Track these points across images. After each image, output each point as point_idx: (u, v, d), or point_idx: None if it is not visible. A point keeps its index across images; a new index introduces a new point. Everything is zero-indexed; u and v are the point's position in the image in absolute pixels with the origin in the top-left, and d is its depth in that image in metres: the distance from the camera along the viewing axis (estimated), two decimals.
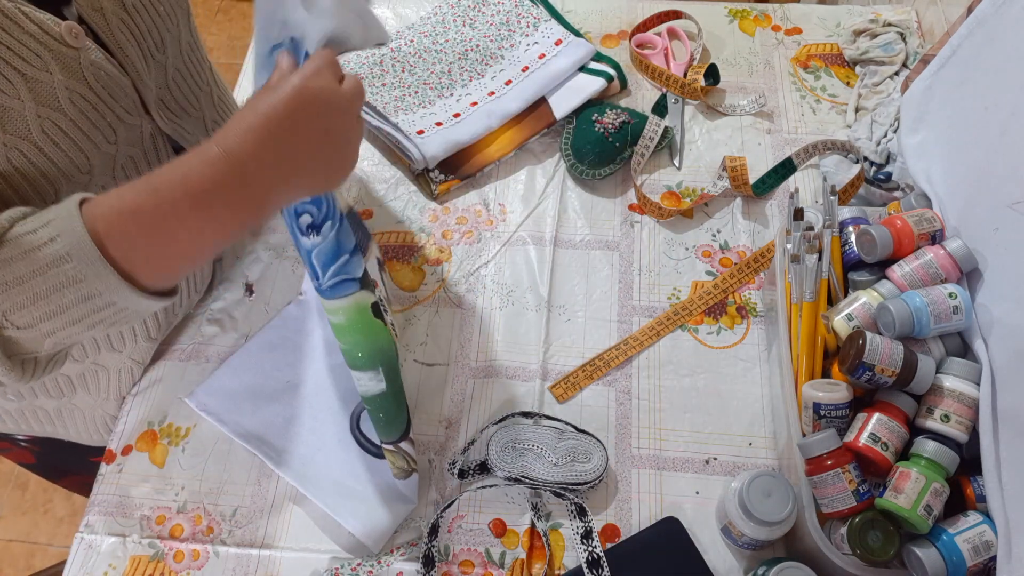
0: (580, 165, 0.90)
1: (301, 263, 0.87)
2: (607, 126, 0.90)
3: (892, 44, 0.96)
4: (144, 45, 0.62)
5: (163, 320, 0.77)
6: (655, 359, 0.80)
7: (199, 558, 0.70)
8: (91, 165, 0.58)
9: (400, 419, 0.66)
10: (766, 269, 0.84)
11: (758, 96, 0.97)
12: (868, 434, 0.62)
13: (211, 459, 0.75)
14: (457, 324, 0.83)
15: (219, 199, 0.48)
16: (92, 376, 0.75)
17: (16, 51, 0.51)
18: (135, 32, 0.61)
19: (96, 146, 0.58)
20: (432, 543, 0.69)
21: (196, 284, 0.80)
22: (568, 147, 0.92)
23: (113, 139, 0.60)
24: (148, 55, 0.63)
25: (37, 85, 0.52)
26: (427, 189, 0.91)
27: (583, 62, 0.97)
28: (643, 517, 0.71)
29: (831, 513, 0.61)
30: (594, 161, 0.89)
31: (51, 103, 0.53)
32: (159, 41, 0.64)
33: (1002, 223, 0.63)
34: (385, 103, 0.93)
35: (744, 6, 1.08)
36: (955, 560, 0.57)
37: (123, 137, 0.61)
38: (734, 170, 0.87)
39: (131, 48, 0.61)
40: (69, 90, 0.54)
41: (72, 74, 0.55)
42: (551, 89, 0.95)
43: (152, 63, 0.64)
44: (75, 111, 0.55)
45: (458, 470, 0.72)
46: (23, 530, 1.61)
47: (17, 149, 0.52)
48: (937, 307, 0.63)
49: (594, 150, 0.89)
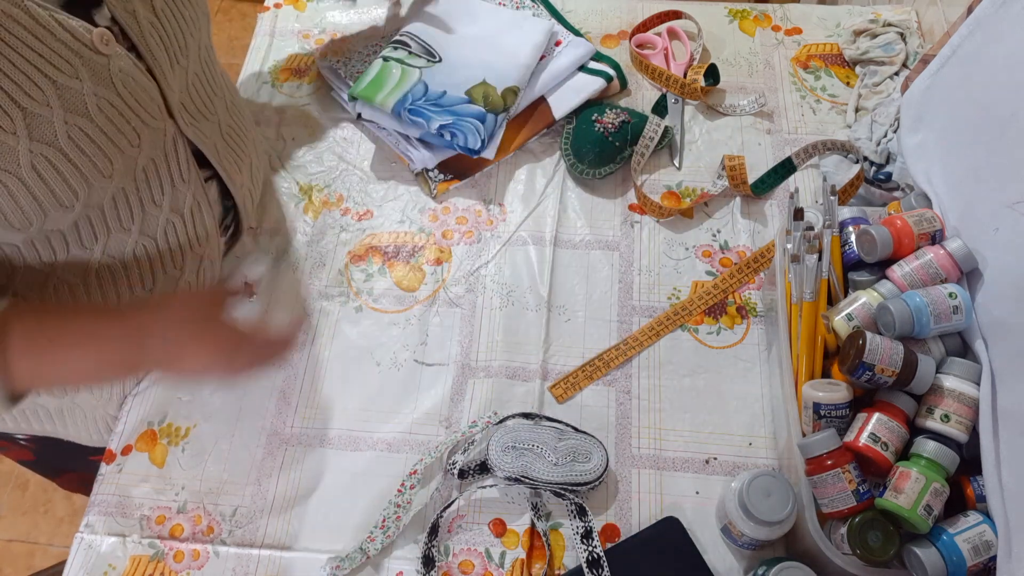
0: (580, 165, 0.90)
1: (301, 263, 0.87)
2: (607, 126, 0.90)
3: (892, 44, 0.96)
4: (171, 49, 0.63)
5: None
6: (655, 359, 0.80)
7: (199, 558, 0.70)
8: (113, 169, 0.59)
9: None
10: (766, 269, 0.84)
11: (758, 96, 0.97)
12: (868, 434, 0.62)
13: (211, 459, 0.75)
14: (457, 324, 0.83)
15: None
16: None
17: (48, 58, 0.51)
18: (163, 36, 0.62)
19: (120, 150, 0.58)
20: (432, 543, 0.69)
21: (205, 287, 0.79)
22: (568, 147, 0.92)
23: (137, 143, 0.60)
24: (174, 59, 0.64)
25: (67, 92, 0.53)
26: (427, 188, 0.91)
27: (583, 61, 0.97)
28: (643, 517, 0.71)
29: (831, 513, 0.61)
30: (594, 161, 0.89)
31: (79, 110, 0.54)
32: (183, 45, 0.65)
33: (1002, 223, 0.63)
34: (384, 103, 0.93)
35: (744, 6, 1.08)
36: (955, 560, 0.57)
37: (147, 140, 0.61)
38: (732, 169, 0.87)
39: (160, 51, 0.61)
40: (98, 96, 0.55)
41: (101, 80, 0.55)
42: (551, 89, 0.95)
43: (177, 67, 0.64)
44: (103, 118, 0.56)
45: (458, 470, 0.72)
46: (23, 530, 1.61)
47: (43, 156, 0.53)
48: (937, 307, 0.63)
49: (594, 150, 0.89)
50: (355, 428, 0.77)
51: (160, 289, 0.72)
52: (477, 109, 0.88)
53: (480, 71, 0.91)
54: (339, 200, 0.92)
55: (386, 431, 0.76)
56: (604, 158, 0.90)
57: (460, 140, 0.86)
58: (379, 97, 0.87)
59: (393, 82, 0.89)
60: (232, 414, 0.78)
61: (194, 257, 0.74)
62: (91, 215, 0.61)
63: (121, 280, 0.68)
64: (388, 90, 0.88)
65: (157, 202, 0.66)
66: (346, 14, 1.09)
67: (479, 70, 0.91)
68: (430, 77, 0.90)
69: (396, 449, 0.75)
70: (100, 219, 0.62)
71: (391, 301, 0.84)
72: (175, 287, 0.74)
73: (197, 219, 0.72)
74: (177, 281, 0.74)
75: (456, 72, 0.91)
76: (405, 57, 0.91)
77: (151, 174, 0.64)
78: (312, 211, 0.91)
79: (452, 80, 0.90)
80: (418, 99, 0.88)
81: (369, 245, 0.88)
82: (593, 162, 0.90)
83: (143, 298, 0.67)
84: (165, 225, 0.68)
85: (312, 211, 0.91)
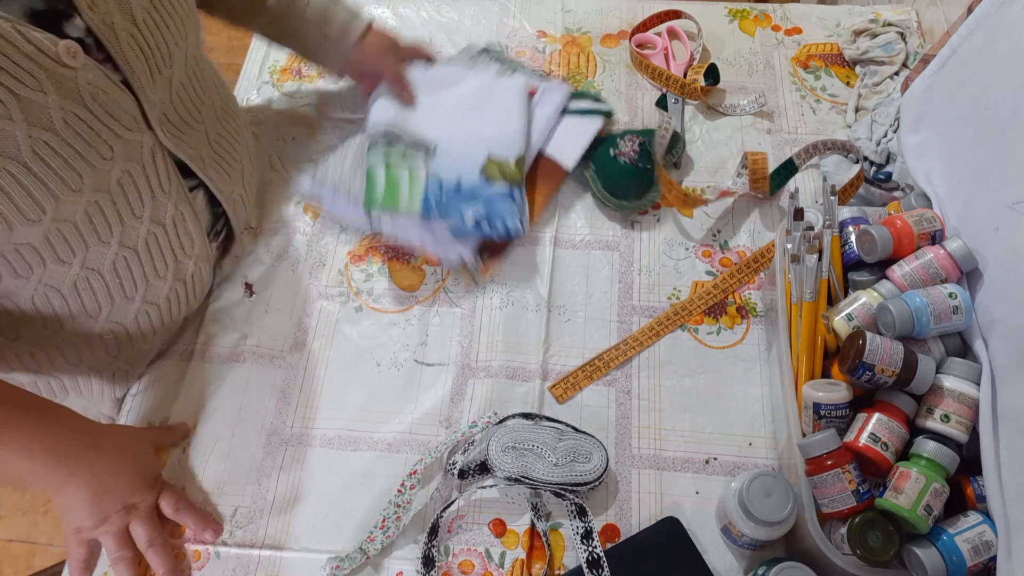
0: (627, 202, 0.87)
1: (300, 264, 0.87)
2: (629, 155, 0.87)
3: (892, 44, 0.96)
4: (152, 61, 0.62)
5: (159, 325, 0.77)
6: (655, 359, 0.80)
7: (200, 559, 0.70)
8: (84, 183, 0.58)
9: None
10: (766, 269, 0.84)
11: (758, 96, 0.97)
12: (868, 434, 0.62)
13: (211, 459, 0.75)
14: (457, 324, 0.83)
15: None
16: (84, 379, 0.75)
17: (10, 72, 0.50)
18: (144, 48, 0.61)
19: (91, 164, 0.58)
20: (432, 543, 0.69)
21: (196, 291, 0.79)
22: (604, 191, 0.88)
23: (110, 155, 0.59)
24: (155, 70, 0.63)
25: (30, 105, 0.52)
26: (469, 277, 0.85)
27: (565, 104, 0.92)
28: (643, 517, 0.71)
29: (831, 513, 0.61)
30: (637, 192, 0.87)
31: (44, 123, 0.53)
32: (167, 55, 0.64)
33: (1002, 223, 0.63)
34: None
35: (744, 6, 1.08)
36: (955, 560, 0.57)
37: (120, 153, 0.60)
38: (755, 162, 0.86)
39: (138, 64, 0.60)
40: (64, 110, 0.54)
41: (68, 94, 0.54)
42: (545, 141, 0.90)
43: (159, 77, 0.63)
44: (69, 132, 0.55)
45: (458, 470, 0.72)
46: (23, 530, 1.61)
47: (5, 170, 0.52)
48: (937, 307, 0.63)
49: (631, 183, 0.87)
50: (355, 428, 0.77)
51: (146, 297, 0.72)
52: (502, 188, 0.82)
53: (482, 148, 0.85)
54: None
55: (386, 431, 0.76)
56: (644, 185, 0.87)
57: (499, 226, 0.80)
58: (403, 204, 0.79)
59: (406, 185, 0.81)
60: (232, 414, 0.78)
61: (180, 265, 0.73)
62: (64, 229, 0.59)
63: (102, 290, 0.67)
64: (407, 192, 0.80)
65: (137, 214, 0.65)
66: None
67: (481, 147, 0.85)
68: (437, 169, 0.84)
69: (396, 449, 0.75)
70: (75, 233, 0.61)
71: (391, 301, 0.84)
72: (160, 295, 0.73)
73: (181, 229, 0.71)
74: (163, 289, 0.73)
75: (460, 156, 0.85)
76: (405, 154, 0.84)
77: (128, 187, 0.63)
78: (312, 211, 0.91)
79: (460, 166, 0.84)
80: (439, 195, 0.81)
81: (369, 245, 0.88)
82: (637, 194, 0.87)
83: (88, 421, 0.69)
84: (147, 236, 0.67)
85: (312, 211, 0.91)
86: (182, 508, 0.70)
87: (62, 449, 0.64)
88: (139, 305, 0.71)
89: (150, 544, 0.68)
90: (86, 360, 0.73)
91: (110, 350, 0.73)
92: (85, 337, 0.70)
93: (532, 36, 1.06)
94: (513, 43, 1.05)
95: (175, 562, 0.69)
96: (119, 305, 0.70)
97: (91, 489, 0.65)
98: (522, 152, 0.86)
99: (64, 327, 0.68)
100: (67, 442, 0.65)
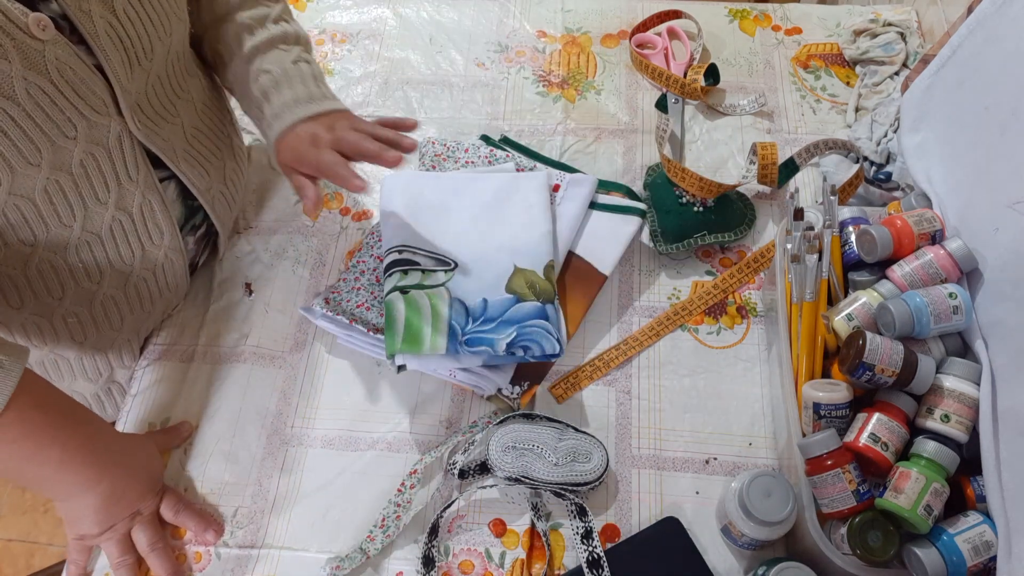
0: (693, 243, 0.84)
1: (300, 263, 0.87)
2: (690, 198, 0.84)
3: (892, 44, 0.96)
4: (131, 52, 0.62)
5: (127, 313, 0.76)
6: (655, 359, 0.80)
7: (201, 560, 0.70)
8: (42, 158, 0.58)
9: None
10: (766, 269, 0.84)
11: (758, 96, 0.97)
12: (868, 434, 0.62)
13: (212, 459, 0.75)
14: None
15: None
16: (53, 363, 0.76)
17: None
18: (123, 38, 0.61)
19: (50, 139, 0.58)
20: (432, 543, 0.69)
21: (168, 282, 0.79)
22: (669, 244, 0.83)
23: (73, 134, 0.60)
24: (134, 61, 0.63)
25: None
26: (505, 407, 0.77)
27: (591, 198, 0.85)
28: (643, 517, 0.71)
29: (831, 513, 0.61)
30: (694, 227, 0.84)
31: (6, 92, 0.53)
32: (148, 49, 0.64)
33: (1002, 223, 0.63)
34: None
35: (744, 6, 1.08)
36: (955, 560, 0.57)
37: (84, 134, 0.61)
38: (764, 148, 0.86)
39: (115, 53, 0.60)
40: (27, 81, 0.54)
41: (32, 65, 0.54)
42: (574, 241, 0.83)
43: (137, 68, 0.64)
44: (31, 103, 0.55)
45: (458, 470, 0.72)
46: (23, 530, 1.61)
47: None
48: (937, 307, 0.64)
49: (684, 223, 0.84)
50: (355, 428, 0.77)
51: (109, 285, 0.71)
52: (533, 306, 0.74)
53: (507, 258, 0.78)
54: (339, 200, 0.92)
55: (386, 431, 0.76)
56: (695, 223, 0.84)
57: (535, 351, 0.72)
58: (425, 345, 0.71)
59: (428, 317, 0.72)
60: (233, 414, 0.78)
61: (148, 255, 0.73)
62: (21, 205, 0.60)
63: (64, 273, 0.67)
64: (429, 331, 0.71)
65: (102, 199, 0.65)
66: (346, 14, 1.09)
67: (505, 258, 0.78)
68: (458, 290, 0.75)
69: (396, 449, 0.75)
70: (34, 212, 0.61)
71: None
72: (125, 284, 0.73)
73: (148, 218, 0.71)
74: (127, 277, 0.73)
75: (483, 272, 0.77)
76: (423, 279, 0.75)
77: (92, 169, 0.63)
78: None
79: (484, 283, 0.76)
80: (465, 325, 0.73)
81: None
82: (713, 227, 0.84)
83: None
84: (111, 223, 0.67)
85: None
86: (182, 511, 0.70)
87: (91, 458, 0.65)
88: (106, 291, 0.71)
89: (151, 548, 0.68)
90: (50, 343, 0.73)
91: (76, 336, 0.73)
92: (48, 319, 0.70)
93: (532, 36, 1.06)
94: (513, 43, 1.05)
95: (176, 565, 0.69)
96: (84, 288, 0.70)
97: (104, 498, 0.66)
98: (551, 258, 0.78)
99: (25, 307, 0.68)
100: (98, 453, 0.65)
